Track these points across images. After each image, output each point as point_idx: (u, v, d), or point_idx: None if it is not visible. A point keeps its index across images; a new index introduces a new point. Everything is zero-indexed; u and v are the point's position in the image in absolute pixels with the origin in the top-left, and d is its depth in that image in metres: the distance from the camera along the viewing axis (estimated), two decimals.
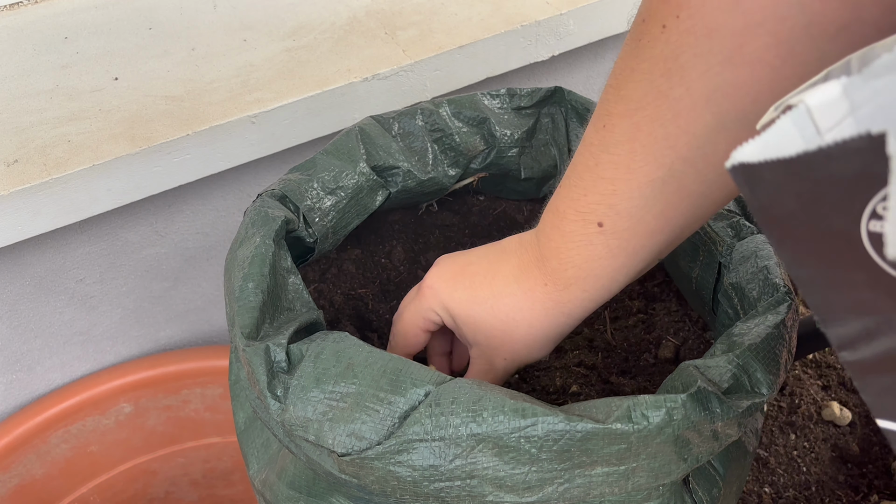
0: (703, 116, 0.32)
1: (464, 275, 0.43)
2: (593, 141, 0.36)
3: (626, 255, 0.37)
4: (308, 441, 0.37)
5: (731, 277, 0.46)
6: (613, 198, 0.35)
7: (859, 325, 0.20)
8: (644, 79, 0.33)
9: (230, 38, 0.75)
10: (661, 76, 0.32)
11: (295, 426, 0.37)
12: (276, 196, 0.49)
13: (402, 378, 0.36)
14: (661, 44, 0.32)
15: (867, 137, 0.16)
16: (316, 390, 0.37)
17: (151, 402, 0.83)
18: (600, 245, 0.37)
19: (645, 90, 0.33)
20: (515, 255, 0.41)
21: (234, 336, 0.41)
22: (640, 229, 0.36)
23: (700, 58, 0.31)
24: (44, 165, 0.62)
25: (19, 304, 0.73)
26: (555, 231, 0.38)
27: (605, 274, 0.38)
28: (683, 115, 0.32)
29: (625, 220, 0.36)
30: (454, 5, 0.78)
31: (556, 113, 0.61)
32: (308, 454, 0.38)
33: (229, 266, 0.44)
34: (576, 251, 0.38)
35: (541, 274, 0.40)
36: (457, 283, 0.43)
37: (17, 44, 0.75)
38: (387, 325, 0.55)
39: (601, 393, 0.50)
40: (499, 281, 0.41)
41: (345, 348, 0.38)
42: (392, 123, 0.56)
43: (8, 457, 0.77)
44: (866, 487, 0.59)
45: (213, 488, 0.92)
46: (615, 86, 0.35)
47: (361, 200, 0.53)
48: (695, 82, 0.31)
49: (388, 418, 0.35)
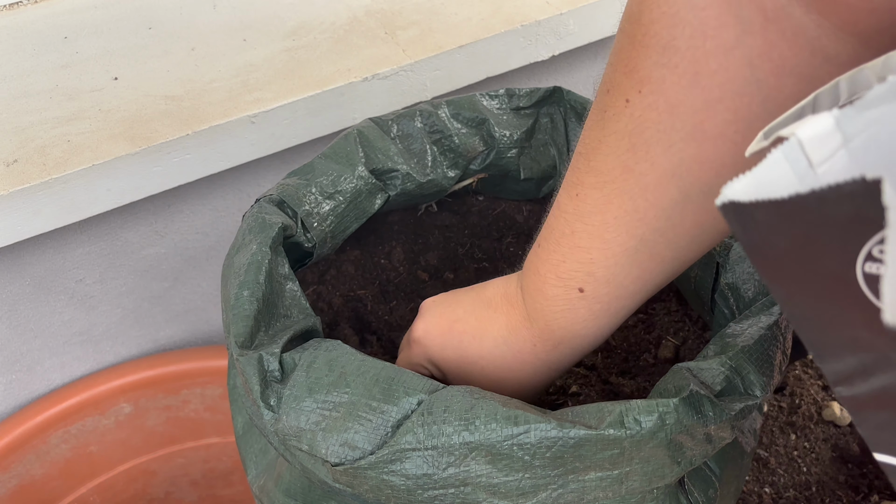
0: (669, 191, 0.33)
1: (451, 333, 0.43)
2: (567, 209, 0.36)
3: (608, 315, 0.38)
4: (302, 451, 0.37)
5: (727, 277, 0.45)
6: (591, 266, 0.36)
7: (855, 361, 0.19)
8: (611, 152, 0.33)
9: (230, 38, 0.75)
10: (626, 151, 0.33)
11: (288, 436, 0.37)
12: (273, 201, 0.49)
13: (395, 387, 0.36)
14: (625, 118, 0.32)
15: (861, 182, 0.16)
16: (309, 400, 0.37)
17: (151, 402, 0.83)
18: (583, 309, 0.38)
19: (612, 164, 0.33)
20: (503, 314, 0.41)
21: (230, 344, 0.41)
22: (620, 293, 0.37)
23: (663, 133, 0.31)
24: (43, 165, 0.62)
25: (19, 304, 0.73)
26: (538, 294, 0.39)
27: (590, 333, 0.39)
28: (651, 190, 0.33)
29: (604, 286, 0.36)
30: (454, 5, 0.78)
31: (556, 113, 0.61)
32: (303, 463, 0.38)
33: (226, 273, 0.44)
34: (561, 315, 0.38)
35: (529, 334, 0.40)
36: (445, 342, 0.43)
37: (16, 44, 0.75)
38: (386, 326, 0.55)
39: (601, 393, 0.50)
40: (488, 342, 0.41)
41: (337, 357, 0.38)
42: (391, 125, 0.56)
43: (7, 457, 0.77)
44: (867, 487, 0.59)
45: (213, 488, 0.92)
46: (585, 154, 0.35)
47: (360, 204, 0.53)
48: (659, 157, 0.32)
49: (380, 427, 0.35)
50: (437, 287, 0.59)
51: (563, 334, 0.39)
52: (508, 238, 0.63)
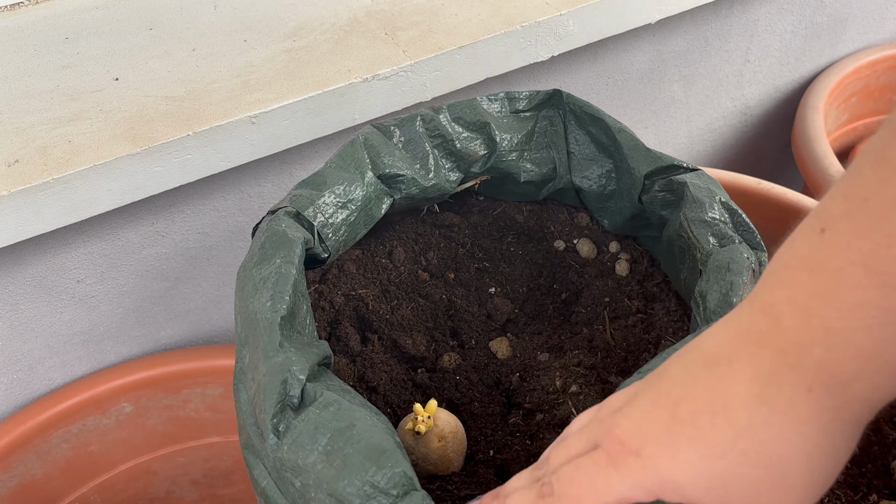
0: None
1: (679, 421, 0.29)
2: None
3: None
4: (295, 486, 0.37)
5: (700, 285, 0.46)
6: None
7: None
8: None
9: (230, 39, 0.75)
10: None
11: (286, 467, 0.37)
12: (290, 214, 0.49)
13: (396, 459, 0.36)
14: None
15: None
16: (313, 439, 0.37)
17: (152, 401, 0.84)
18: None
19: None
20: (745, 364, 0.29)
21: (246, 356, 0.41)
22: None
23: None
24: (44, 165, 0.62)
25: (20, 303, 0.74)
26: (821, 306, 0.27)
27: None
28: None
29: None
30: (454, 6, 0.78)
31: (555, 115, 0.61)
32: (293, 497, 0.38)
33: (245, 284, 0.44)
34: (863, 334, 0.26)
35: (798, 376, 0.28)
36: (675, 438, 0.29)
37: (17, 44, 0.75)
38: (387, 325, 0.55)
39: (600, 393, 0.50)
40: (737, 411, 0.28)
41: (353, 409, 0.38)
42: (393, 131, 0.57)
43: (8, 456, 0.77)
44: (865, 487, 0.59)
45: (214, 488, 0.92)
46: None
47: (370, 211, 0.54)
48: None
49: (372, 496, 0.35)
50: (437, 286, 0.59)
51: (863, 363, 0.26)
52: (509, 238, 0.63)
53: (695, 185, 0.52)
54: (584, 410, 0.49)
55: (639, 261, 0.59)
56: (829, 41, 1.16)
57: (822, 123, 1.04)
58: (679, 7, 0.85)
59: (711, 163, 1.21)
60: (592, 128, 0.59)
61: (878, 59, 1.17)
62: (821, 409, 0.28)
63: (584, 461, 0.32)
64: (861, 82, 1.18)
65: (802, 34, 1.12)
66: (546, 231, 0.63)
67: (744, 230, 0.50)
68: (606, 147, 0.59)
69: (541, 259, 0.62)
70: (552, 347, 0.55)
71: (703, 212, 0.50)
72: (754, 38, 1.08)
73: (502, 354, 0.55)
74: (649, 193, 0.55)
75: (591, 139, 0.60)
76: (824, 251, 0.27)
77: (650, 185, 0.55)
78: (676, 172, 0.54)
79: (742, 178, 0.82)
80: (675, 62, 1.02)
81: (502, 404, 0.52)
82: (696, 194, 0.51)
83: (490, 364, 0.54)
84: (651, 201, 0.55)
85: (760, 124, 1.21)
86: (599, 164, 0.59)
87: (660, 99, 1.05)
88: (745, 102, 1.16)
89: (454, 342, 0.56)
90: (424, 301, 0.58)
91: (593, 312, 0.57)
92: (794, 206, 0.79)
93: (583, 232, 0.62)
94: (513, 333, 0.57)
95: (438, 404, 0.48)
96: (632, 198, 0.56)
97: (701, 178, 0.53)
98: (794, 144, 1.05)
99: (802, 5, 1.09)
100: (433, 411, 0.45)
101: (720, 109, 1.14)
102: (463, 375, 0.53)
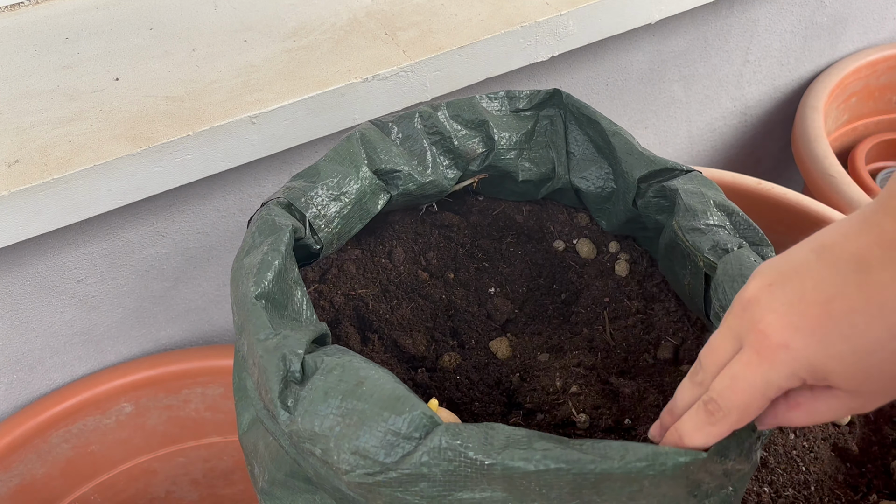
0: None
1: (831, 318, 0.31)
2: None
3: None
4: (315, 455, 0.37)
5: (718, 297, 0.45)
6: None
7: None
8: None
9: (231, 39, 0.75)
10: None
11: (302, 438, 0.37)
12: (281, 204, 0.49)
13: (412, 402, 0.36)
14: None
15: None
16: (324, 404, 0.37)
17: (152, 401, 0.84)
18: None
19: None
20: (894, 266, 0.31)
21: (246, 343, 0.41)
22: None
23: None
24: (45, 166, 0.62)
25: (20, 303, 0.74)
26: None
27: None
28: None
29: None
30: (454, 6, 0.78)
31: (555, 115, 0.61)
32: (316, 469, 0.38)
33: (236, 275, 0.44)
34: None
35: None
36: (829, 333, 0.32)
37: (17, 44, 0.75)
38: (387, 325, 0.55)
39: (600, 393, 0.50)
40: (892, 315, 0.31)
41: (358, 367, 0.38)
42: (391, 127, 0.57)
43: (9, 456, 0.77)
44: (865, 487, 0.59)
45: (214, 488, 0.92)
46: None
47: (365, 205, 0.54)
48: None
49: (394, 442, 0.35)
50: (437, 286, 0.59)
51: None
52: (508, 238, 0.63)
53: (686, 191, 0.51)
54: (584, 411, 0.49)
55: (638, 261, 0.59)
56: (829, 41, 1.16)
57: (821, 123, 1.04)
58: (679, 7, 0.85)
59: (711, 163, 1.21)
60: (589, 130, 0.59)
61: (878, 59, 1.17)
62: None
63: (736, 368, 0.34)
64: (861, 82, 1.18)
65: (802, 34, 1.12)
66: (546, 231, 0.63)
67: (744, 228, 0.49)
68: (602, 150, 0.59)
69: (540, 259, 0.62)
70: (552, 347, 0.55)
71: (697, 220, 0.49)
72: (754, 38, 1.08)
73: (502, 354, 0.55)
74: (644, 198, 0.54)
75: (589, 140, 0.60)
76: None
77: (645, 189, 0.54)
78: (671, 175, 0.54)
79: (742, 178, 0.82)
80: (675, 62, 1.02)
81: (503, 404, 0.52)
82: (688, 202, 0.50)
83: (490, 364, 0.54)
84: (646, 206, 0.55)
85: (760, 124, 1.21)
86: (598, 165, 0.59)
87: (660, 99, 1.05)
88: (745, 102, 1.16)
89: (454, 342, 0.56)
90: (424, 301, 0.58)
91: (593, 313, 0.57)
92: (794, 206, 0.79)
93: (582, 232, 0.62)
94: (513, 333, 0.57)
95: (439, 404, 0.48)
96: (626, 202, 0.56)
97: (694, 181, 0.52)
98: (794, 144, 1.05)
99: (802, 5, 1.09)
100: (434, 410, 0.45)
101: (720, 109, 1.14)
102: (463, 375, 0.53)
